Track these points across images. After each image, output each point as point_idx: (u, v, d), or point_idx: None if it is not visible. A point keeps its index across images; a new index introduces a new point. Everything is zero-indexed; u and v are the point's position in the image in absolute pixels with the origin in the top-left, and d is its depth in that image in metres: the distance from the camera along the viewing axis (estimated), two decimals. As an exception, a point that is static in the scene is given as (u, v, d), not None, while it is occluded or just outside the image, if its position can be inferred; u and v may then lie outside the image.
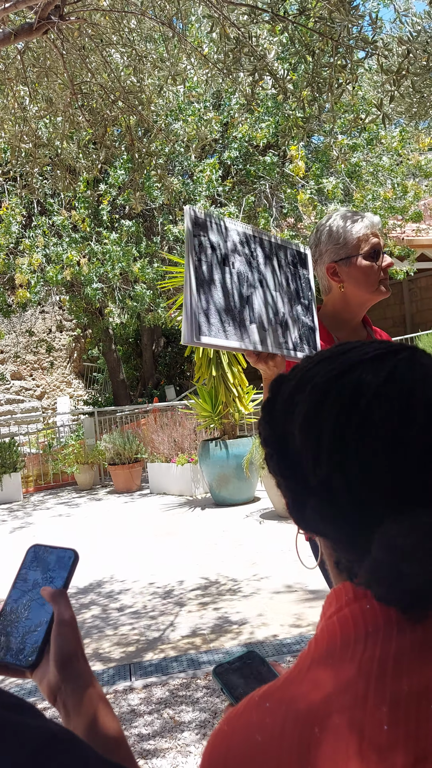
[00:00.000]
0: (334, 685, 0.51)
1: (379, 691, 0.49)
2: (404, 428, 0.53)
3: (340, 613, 0.56)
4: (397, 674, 0.50)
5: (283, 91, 3.65)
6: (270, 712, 0.51)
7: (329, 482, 0.55)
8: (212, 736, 0.54)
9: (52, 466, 10.31)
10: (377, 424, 0.53)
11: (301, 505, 0.58)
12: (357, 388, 0.55)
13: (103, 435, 10.03)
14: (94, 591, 4.66)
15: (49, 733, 0.53)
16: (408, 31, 3.52)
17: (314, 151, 10.52)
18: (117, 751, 0.64)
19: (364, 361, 0.57)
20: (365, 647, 0.52)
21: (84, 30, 3.89)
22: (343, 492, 0.54)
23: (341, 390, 0.56)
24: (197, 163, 9.85)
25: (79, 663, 0.70)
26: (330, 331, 1.79)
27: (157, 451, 8.86)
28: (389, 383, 0.54)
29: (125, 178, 9.53)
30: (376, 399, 0.54)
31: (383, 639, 0.52)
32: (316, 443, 0.56)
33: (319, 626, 0.58)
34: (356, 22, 3.08)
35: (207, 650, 3.38)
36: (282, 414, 0.60)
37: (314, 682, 0.52)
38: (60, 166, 5.41)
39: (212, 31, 3.18)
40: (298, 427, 0.58)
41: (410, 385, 0.54)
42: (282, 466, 0.59)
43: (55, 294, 11.58)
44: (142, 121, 5.00)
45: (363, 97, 8.98)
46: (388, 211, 9.39)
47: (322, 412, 0.56)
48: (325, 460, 0.55)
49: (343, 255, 1.76)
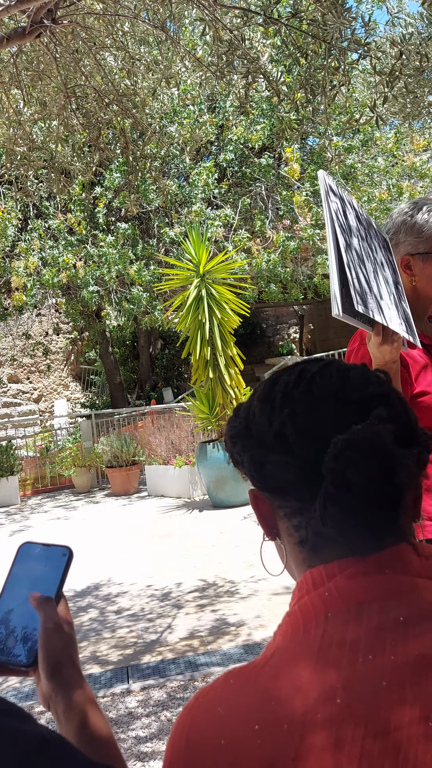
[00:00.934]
0: (287, 662, 0.55)
1: (336, 669, 0.53)
2: (341, 389, 0.64)
3: (302, 602, 0.60)
4: (353, 654, 0.54)
5: (277, 93, 3.66)
6: (233, 688, 0.55)
7: (282, 431, 0.64)
8: (181, 711, 0.58)
9: (50, 469, 10.30)
10: (319, 387, 0.65)
11: (261, 465, 0.65)
12: (302, 370, 0.67)
13: (101, 438, 10.02)
14: (91, 594, 4.65)
15: (39, 737, 0.53)
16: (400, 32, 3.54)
17: (309, 153, 10.55)
18: (106, 754, 0.64)
19: (305, 360, 0.69)
20: (325, 630, 0.56)
21: (77, 33, 3.90)
22: (294, 436, 0.63)
23: (290, 372, 0.68)
24: (193, 166, 9.86)
25: (67, 670, 0.70)
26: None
27: (154, 453, 8.85)
28: (328, 366, 0.67)
29: (121, 181, 9.54)
30: (318, 373, 0.66)
31: (341, 622, 0.56)
32: (270, 406, 0.66)
33: (285, 615, 0.62)
34: (349, 24, 3.09)
35: (205, 652, 3.38)
36: (246, 410, 0.70)
37: (274, 663, 0.57)
38: (55, 169, 5.41)
39: (205, 34, 3.19)
40: (256, 399, 0.69)
41: (345, 367, 0.67)
42: (244, 445, 0.68)
43: (51, 297, 11.58)
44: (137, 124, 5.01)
45: (357, 99, 9.00)
46: (383, 213, 9.41)
47: (275, 385, 0.68)
48: (277, 415, 0.65)
49: (421, 249, 1.68)
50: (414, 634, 0.55)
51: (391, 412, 0.62)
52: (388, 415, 0.60)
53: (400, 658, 0.53)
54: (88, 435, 10.53)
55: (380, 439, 0.57)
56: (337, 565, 0.60)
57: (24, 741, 0.52)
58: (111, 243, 9.57)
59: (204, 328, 7.08)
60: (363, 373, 0.66)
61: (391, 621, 0.56)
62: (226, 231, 9.95)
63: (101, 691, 3.06)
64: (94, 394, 16.54)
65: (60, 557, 0.78)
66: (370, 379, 0.66)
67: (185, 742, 0.54)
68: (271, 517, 0.68)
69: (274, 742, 0.50)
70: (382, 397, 0.64)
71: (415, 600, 0.57)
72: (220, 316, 7.19)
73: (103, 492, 9.80)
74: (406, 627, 0.55)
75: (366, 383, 0.65)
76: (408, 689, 0.52)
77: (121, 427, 11.03)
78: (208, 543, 5.75)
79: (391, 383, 0.67)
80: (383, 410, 0.61)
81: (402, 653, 0.54)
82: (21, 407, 14.53)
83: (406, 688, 0.52)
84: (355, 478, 0.56)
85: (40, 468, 10.49)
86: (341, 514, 0.57)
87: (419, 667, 0.53)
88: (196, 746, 0.53)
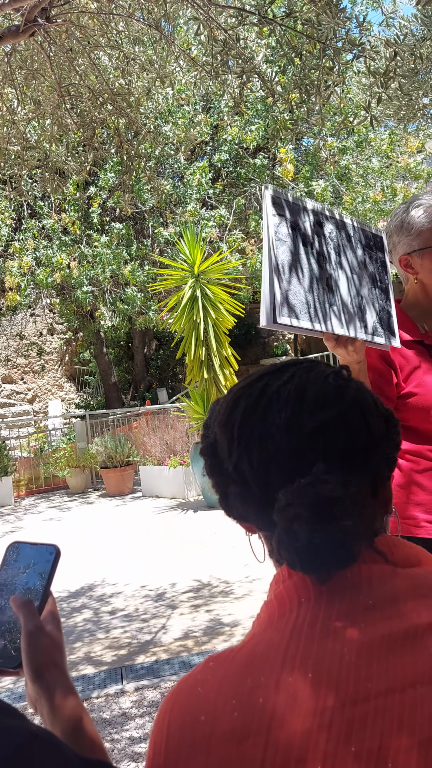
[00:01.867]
0: (263, 645, 0.59)
1: (307, 646, 0.57)
2: (296, 416, 0.64)
3: (277, 591, 0.64)
4: (323, 634, 0.58)
5: (271, 94, 3.66)
6: (211, 670, 0.59)
7: (240, 466, 0.65)
8: (165, 697, 0.61)
9: (44, 469, 10.27)
10: (274, 414, 0.64)
11: (225, 493, 0.68)
12: (263, 389, 0.67)
13: (95, 438, 10.00)
14: (85, 594, 4.64)
15: (29, 733, 0.54)
16: (395, 33, 3.54)
17: (304, 154, 10.56)
18: (92, 756, 0.65)
19: (270, 372, 0.69)
20: (298, 614, 0.60)
21: (71, 32, 3.89)
22: (250, 473, 0.64)
23: (251, 392, 0.68)
24: (187, 166, 9.86)
25: (50, 672, 0.69)
26: (415, 321, 1.75)
27: (149, 453, 8.84)
28: (287, 384, 0.66)
29: (115, 181, 9.52)
30: (275, 395, 0.66)
31: (314, 606, 0.60)
32: (230, 435, 0.67)
33: (263, 604, 0.66)
34: (343, 24, 3.09)
35: (199, 653, 3.37)
36: (214, 422, 0.71)
37: (251, 647, 0.60)
38: (49, 168, 5.40)
39: (199, 33, 3.18)
40: (218, 425, 0.69)
41: (304, 384, 0.66)
42: (211, 466, 0.70)
43: (45, 297, 11.55)
44: (131, 124, 5.00)
45: (351, 100, 9.02)
46: (377, 214, 9.43)
47: (235, 410, 0.68)
48: (235, 447, 0.66)
49: (416, 246, 1.70)
50: (382, 616, 0.59)
51: (340, 446, 0.62)
52: (328, 468, 0.61)
53: (368, 637, 0.57)
54: (83, 435, 10.50)
55: (321, 497, 0.59)
56: None
57: (12, 736, 0.53)
58: (105, 243, 9.55)
59: (199, 329, 7.08)
60: (320, 390, 0.65)
61: (360, 605, 0.59)
62: (221, 231, 9.95)
63: (95, 692, 3.05)
64: (88, 395, 16.51)
65: (47, 556, 0.78)
66: (327, 396, 0.65)
67: (168, 723, 0.57)
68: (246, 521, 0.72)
69: (249, 715, 0.54)
70: (337, 417, 0.63)
71: (386, 585, 0.61)
72: (214, 316, 7.19)
73: (98, 493, 9.78)
74: (375, 610, 0.59)
75: (322, 405, 0.64)
76: (375, 664, 0.56)
77: (115, 427, 11.01)
78: (202, 543, 5.74)
79: (349, 391, 0.66)
80: (322, 465, 0.61)
81: (370, 632, 0.58)
82: (15, 408, 14.48)
83: (373, 663, 0.56)
84: (301, 531, 0.58)
85: (34, 469, 10.45)
86: (293, 555, 0.60)
87: (386, 645, 0.57)
88: (178, 726, 0.56)
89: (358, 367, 1.45)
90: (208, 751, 0.53)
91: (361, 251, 1.50)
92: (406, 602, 0.60)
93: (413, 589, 0.62)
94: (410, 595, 0.61)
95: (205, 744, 0.54)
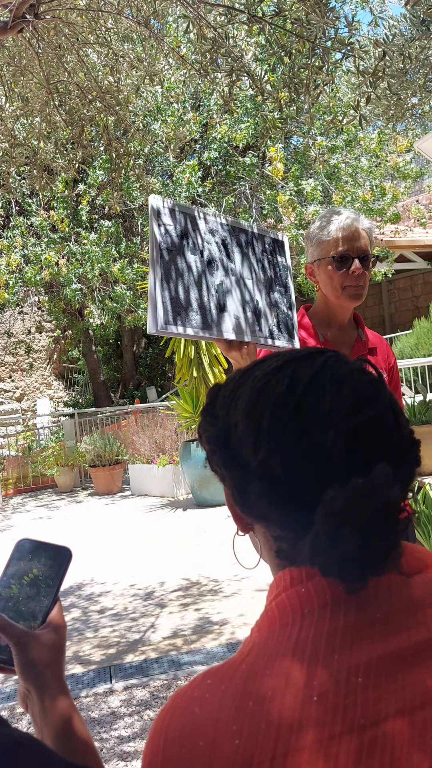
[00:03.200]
0: (264, 660, 0.55)
1: (312, 666, 0.53)
2: (335, 412, 0.58)
3: (278, 599, 0.59)
4: (329, 651, 0.54)
5: (261, 92, 3.65)
6: (209, 688, 0.54)
7: (269, 462, 0.59)
8: (159, 712, 0.57)
9: (32, 468, 10.22)
10: (311, 408, 0.59)
11: (244, 490, 0.61)
12: (292, 378, 0.61)
13: (84, 437, 9.96)
14: (74, 593, 4.63)
15: (11, 740, 0.53)
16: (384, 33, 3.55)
17: (293, 153, 10.57)
18: (84, 756, 0.64)
19: (296, 358, 0.63)
20: (301, 627, 0.56)
21: (60, 29, 3.86)
22: (283, 470, 0.58)
23: (279, 380, 0.61)
24: (176, 164, 9.84)
25: (41, 672, 0.69)
26: (317, 329, 1.78)
27: (138, 452, 8.82)
28: (320, 374, 0.61)
29: (104, 178, 9.48)
30: (309, 387, 0.60)
31: (318, 619, 0.56)
32: (256, 427, 0.60)
33: (261, 613, 0.61)
34: (332, 23, 3.10)
35: (188, 651, 3.37)
36: (224, 410, 0.65)
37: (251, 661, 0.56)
38: (37, 165, 5.36)
39: (189, 31, 3.18)
40: (240, 414, 0.62)
41: (339, 377, 0.60)
42: (225, 458, 0.63)
43: (33, 295, 11.49)
44: (120, 121, 4.98)
45: (340, 99, 9.04)
46: (366, 213, 9.46)
47: (261, 400, 0.61)
48: (265, 441, 0.59)
49: (316, 257, 1.74)
50: (391, 630, 0.55)
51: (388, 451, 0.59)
52: (391, 469, 0.56)
53: (377, 655, 0.54)
54: (71, 434, 10.46)
55: (385, 501, 0.54)
56: None
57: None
58: (94, 241, 9.51)
59: (188, 327, 7.07)
60: (356, 385, 0.60)
61: (368, 618, 0.56)
62: (210, 230, 9.93)
63: (84, 691, 3.04)
64: (77, 393, 16.44)
65: (60, 558, 0.77)
66: (365, 392, 0.60)
67: (163, 744, 0.54)
68: (248, 518, 0.67)
69: (252, 741, 0.50)
70: (376, 419, 0.59)
71: (393, 597, 0.57)
72: (203, 314, 7.18)
73: (86, 491, 9.74)
74: (384, 623, 0.56)
75: (361, 404, 0.59)
76: (384, 685, 0.52)
77: (104, 426, 10.98)
78: (191, 542, 5.74)
79: (384, 389, 0.63)
80: (387, 467, 0.56)
81: (379, 650, 0.54)
82: (3, 406, 14.40)
83: (381, 684, 0.52)
84: (352, 535, 0.53)
85: (22, 467, 10.40)
86: (330, 562, 0.55)
87: (395, 663, 0.54)
88: (174, 748, 0.53)
89: None
90: None
91: (257, 257, 1.54)
92: (417, 614, 0.57)
93: (424, 598, 0.58)
94: (422, 605, 0.58)
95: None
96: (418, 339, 9.39)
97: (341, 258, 1.68)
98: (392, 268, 10.49)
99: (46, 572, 0.76)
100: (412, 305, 13.91)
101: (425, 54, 5.04)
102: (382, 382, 0.63)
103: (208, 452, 0.66)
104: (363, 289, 1.71)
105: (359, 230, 1.70)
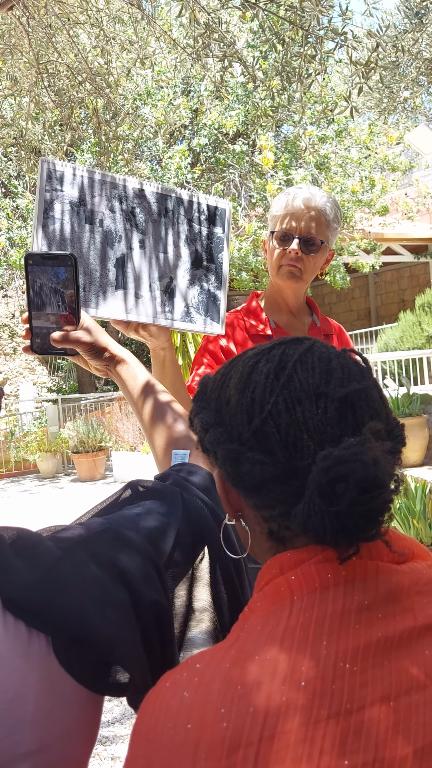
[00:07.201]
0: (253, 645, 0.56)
1: (300, 652, 0.54)
2: (325, 384, 0.62)
3: (268, 586, 0.61)
4: (317, 637, 0.55)
5: (252, 79, 3.62)
6: (198, 672, 0.56)
7: (264, 429, 0.62)
8: (147, 694, 0.58)
9: (14, 453, 10.17)
10: (302, 380, 0.62)
11: (236, 461, 0.63)
12: (282, 356, 0.65)
13: (67, 423, 9.92)
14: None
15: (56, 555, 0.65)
16: (377, 24, 3.53)
17: (284, 142, 10.53)
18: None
19: (285, 341, 0.67)
20: (290, 613, 0.57)
21: (51, 8, 3.79)
22: (276, 437, 0.61)
23: (270, 358, 0.65)
24: (166, 149, 9.75)
25: (107, 350, 1.04)
26: (268, 315, 1.68)
27: (121, 439, 8.81)
28: (309, 353, 0.65)
29: (92, 162, 9.37)
30: (299, 363, 0.64)
31: (306, 606, 0.57)
32: (249, 399, 0.63)
33: (250, 600, 0.62)
34: (326, 12, 3.07)
35: (168, 638, 3.39)
36: (215, 392, 0.69)
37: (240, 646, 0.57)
38: (25, 147, 5.29)
39: (181, 15, 3.14)
40: (233, 389, 0.66)
41: (327, 356, 0.65)
42: (218, 434, 0.66)
43: (18, 278, 11.37)
44: (110, 104, 4.91)
45: (332, 90, 9.01)
46: (355, 204, 9.47)
47: (253, 374, 0.65)
48: (258, 411, 0.62)
49: (270, 230, 1.65)
50: (378, 617, 0.56)
51: (377, 417, 0.62)
52: (382, 428, 0.60)
53: (363, 641, 0.55)
54: (54, 420, 10.41)
55: (374, 457, 0.56)
56: (306, 551, 0.61)
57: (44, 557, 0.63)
58: (81, 225, 9.41)
59: (174, 315, 7.05)
60: (344, 363, 0.64)
61: (355, 604, 0.57)
62: (199, 217, 9.89)
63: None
64: (61, 379, 16.35)
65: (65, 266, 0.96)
66: (351, 369, 0.64)
67: (152, 726, 0.54)
68: (238, 503, 0.68)
69: (240, 724, 0.51)
70: (363, 392, 0.62)
71: (381, 583, 0.58)
72: (190, 302, 7.17)
73: (69, 477, 9.72)
74: (371, 610, 0.57)
75: (348, 377, 0.63)
76: (370, 671, 0.53)
77: (88, 412, 10.93)
78: (173, 529, 5.75)
79: (369, 369, 0.66)
80: (378, 423, 0.60)
81: (366, 636, 0.55)
82: (-14, 390, 14.26)
83: (368, 669, 0.53)
84: (346, 493, 0.55)
85: (4, 452, 10.34)
86: (323, 523, 0.57)
87: (382, 649, 0.55)
88: (163, 730, 0.54)
89: (163, 354, 1.35)
90: (194, 760, 0.51)
91: (185, 226, 1.35)
92: (404, 601, 0.58)
93: (411, 585, 0.59)
94: (408, 593, 0.59)
95: (192, 751, 0.51)
96: (403, 332, 9.46)
97: (283, 236, 1.59)
98: (379, 261, 10.53)
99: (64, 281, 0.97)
100: (398, 298, 14.00)
101: (418, 47, 5.03)
102: (367, 362, 0.66)
103: (200, 433, 0.68)
104: (300, 271, 1.60)
105: (310, 210, 1.57)
